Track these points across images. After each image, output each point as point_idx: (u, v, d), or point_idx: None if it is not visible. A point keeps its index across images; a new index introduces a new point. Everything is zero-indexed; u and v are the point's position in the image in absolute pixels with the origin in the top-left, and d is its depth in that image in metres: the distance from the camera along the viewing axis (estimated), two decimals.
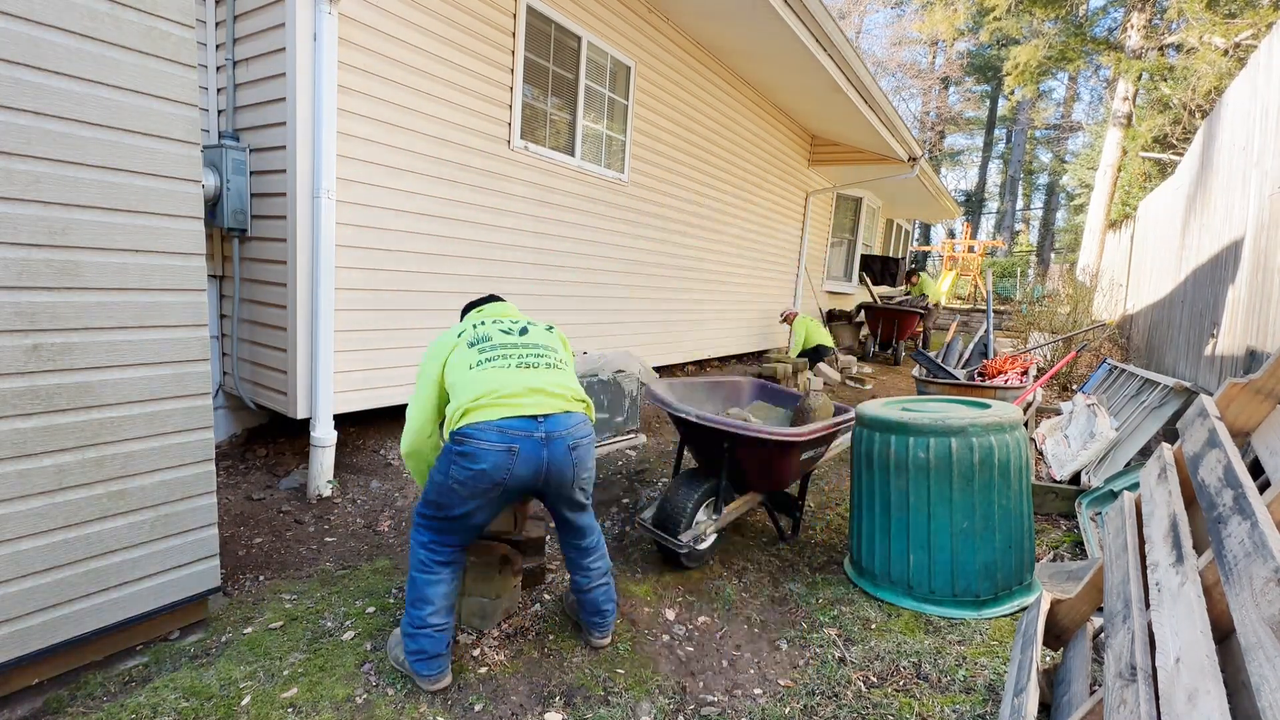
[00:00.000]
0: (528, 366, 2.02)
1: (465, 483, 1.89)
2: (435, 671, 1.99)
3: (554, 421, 1.96)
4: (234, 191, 3.34)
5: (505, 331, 2.11)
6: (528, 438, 1.91)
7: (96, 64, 1.79)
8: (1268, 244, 3.69)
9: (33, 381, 1.77)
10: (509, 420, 1.90)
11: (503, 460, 1.88)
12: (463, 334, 2.09)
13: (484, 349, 2.03)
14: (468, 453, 1.87)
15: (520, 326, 2.15)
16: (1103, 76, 22.07)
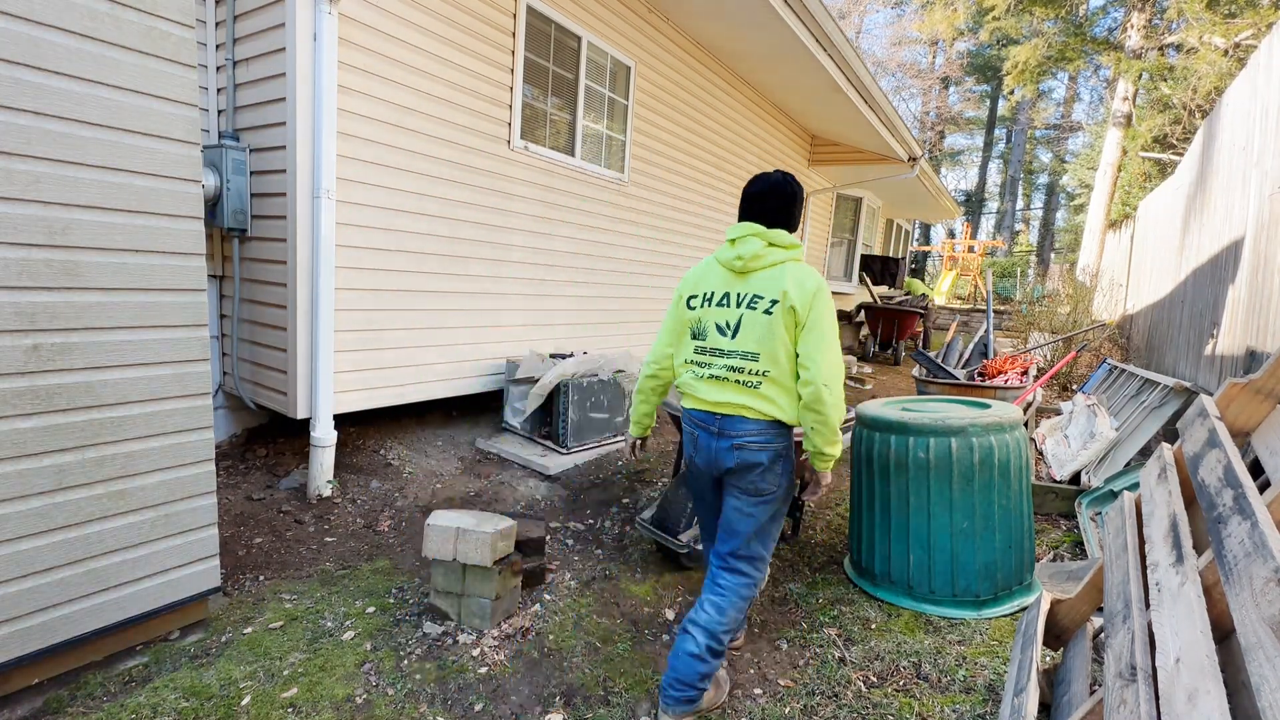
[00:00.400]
0: (716, 379, 1.99)
1: (686, 446, 2.16)
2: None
3: (728, 422, 1.98)
4: (234, 191, 3.34)
5: (723, 328, 1.98)
6: (704, 430, 2.04)
7: (96, 64, 1.79)
8: (1268, 244, 3.69)
9: (33, 381, 1.77)
10: (697, 411, 2.06)
11: (689, 440, 2.11)
12: (694, 299, 2.05)
13: (699, 349, 2.04)
14: (685, 419, 2.15)
15: (737, 320, 1.96)
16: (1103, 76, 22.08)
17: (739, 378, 1.95)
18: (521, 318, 4.60)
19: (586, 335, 5.25)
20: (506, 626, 2.38)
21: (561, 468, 3.93)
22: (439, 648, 2.23)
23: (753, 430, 1.95)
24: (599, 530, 3.30)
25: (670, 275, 6.29)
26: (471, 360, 4.25)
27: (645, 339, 6.05)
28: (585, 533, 3.27)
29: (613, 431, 4.38)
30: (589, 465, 4.06)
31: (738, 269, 1.97)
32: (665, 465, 4.25)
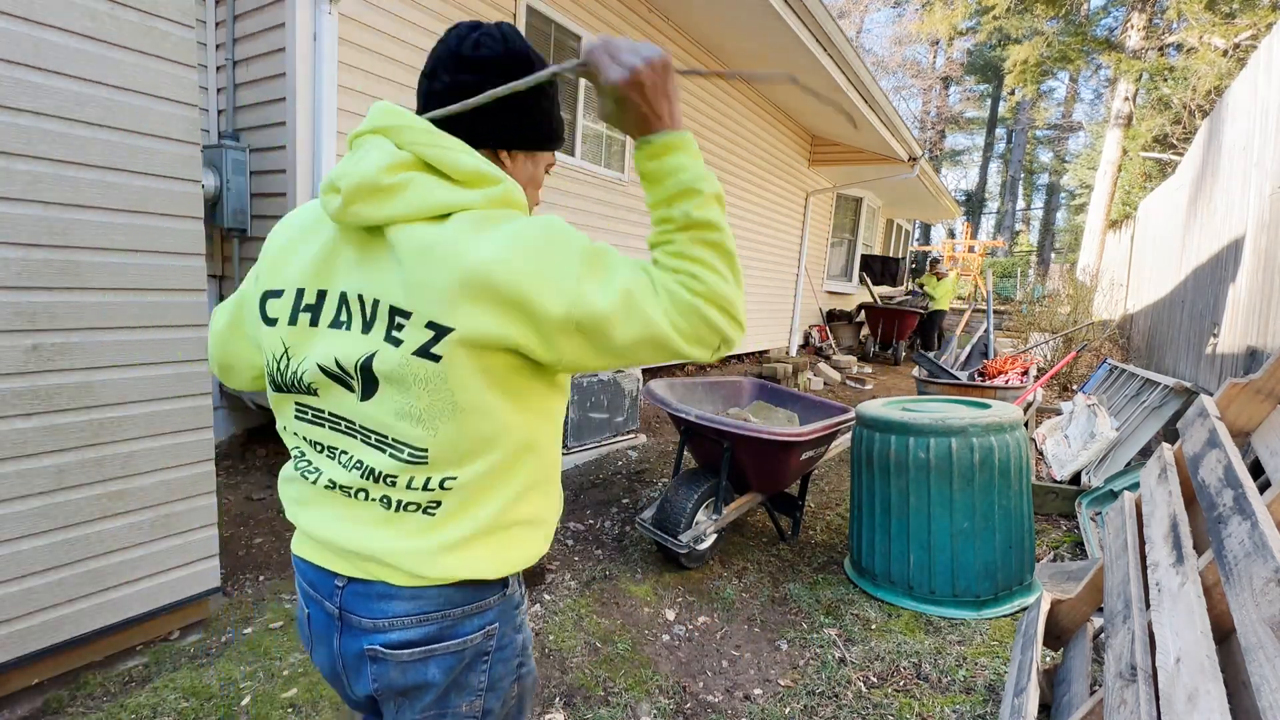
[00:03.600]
0: (340, 496, 0.91)
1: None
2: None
3: (355, 596, 0.91)
4: (234, 191, 3.34)
5: (336, 376, 0.85)
6: (315, 603, 0.97)
7: (96, 64, 1.79)
8: (1268, 243, 3.69)
9: (33, 381, 1.76)
10: (304, 564, 0.98)
11: (301, 620, 1.03)
12: (271, 302, 0.90)
13: (300, 409, 0.90)
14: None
15: (365, 359, 0.80)
16: (1103, 76, 22.07)
17: (385, 493, 0.83)
18: None
19: None
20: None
21: (561, 468, 3.93)
22: None
23: (407, 615, 0.85)
24: (599, 530, 3.30)
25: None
26: None
27: None
28: (585, 533, 3.27)
29: (612, 431, 4.38)
30: (589, 465, 4.06)
31: (342, 220, 0.79)
32: (665, 465, 4.24)
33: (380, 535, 0.83)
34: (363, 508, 0.84)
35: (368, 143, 0.80)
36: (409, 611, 0.84)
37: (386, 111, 0.81)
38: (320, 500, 0.88)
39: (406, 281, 0.75)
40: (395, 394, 0.78)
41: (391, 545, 0.82)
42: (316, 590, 0.91)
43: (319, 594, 0.90)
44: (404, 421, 0.78)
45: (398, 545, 0.82)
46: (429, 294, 0.74)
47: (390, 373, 0.77)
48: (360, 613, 0.86)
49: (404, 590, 0.84)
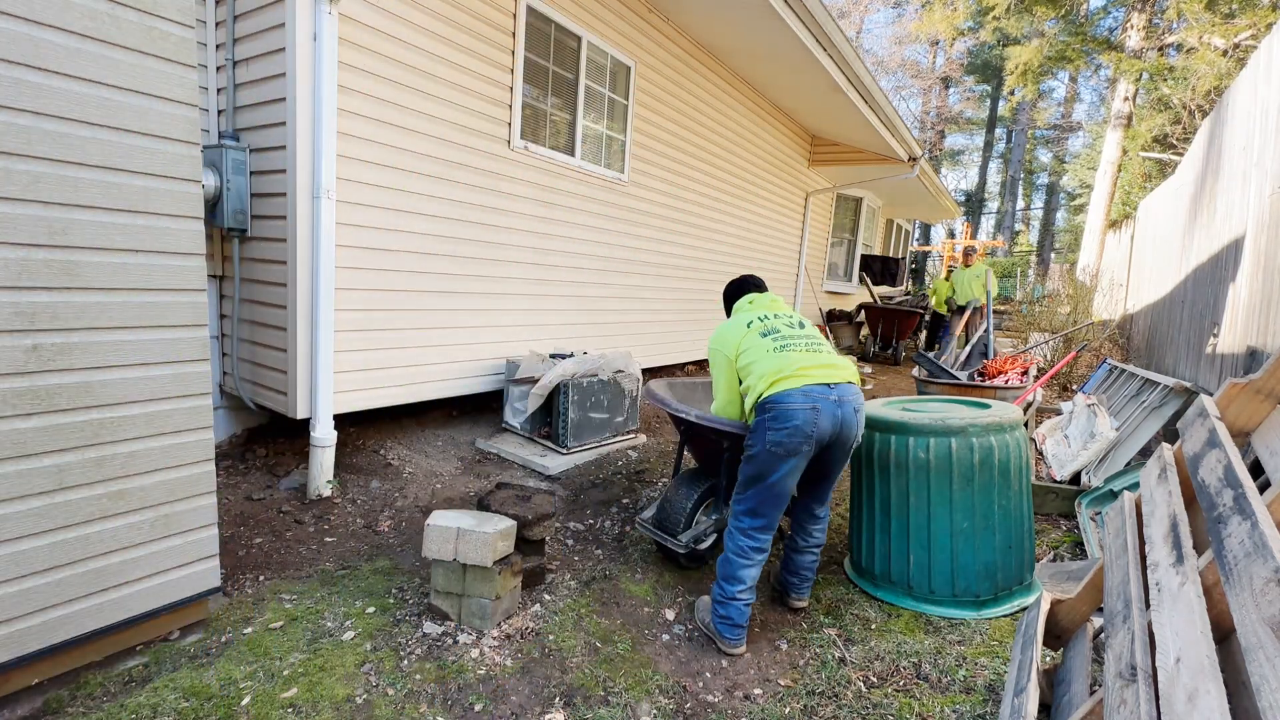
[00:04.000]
0: (813, 350, 2.43)
1: (781, 441, 2.24)
2: (737, 637, 2.36)
3: (842, 389, 2.34)
4: (234, 191, 3.34)
5: (789, 325, 2.51)
6: (825, 399, 2.28)
7: (96, 64, 1.79)
8: (1268, 243, 3.69)
9: (33, 381, 1.77)
10: (810, 386, 2.29)
11: (809, 416, 2.24)
12: (751, 325, 2.49)
13: (777, 338, 2.43)
14: (781, 414, 2.25)
15: (797, 320, 2.57)
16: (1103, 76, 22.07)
17: (824, 354, 2.46)
18: (521, 318, 4.60)
19: (586, 335, 5.25)
20: (506, 626, 2.38)
21: (561, 468, 3.93)
22: (439, 648, 2.23)
23: (857, 394, 2.42)
24: (599, 530, 3.30)
25: (670, 274, 6.29)
26: (471, 360, 4.25)
27: (645, 338, 6.05)
28: (585, 533, 3.27)
29: (612, 431, 4.38)
30: (589, 465, 4.06)
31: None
32: (665, 465, 4.24)
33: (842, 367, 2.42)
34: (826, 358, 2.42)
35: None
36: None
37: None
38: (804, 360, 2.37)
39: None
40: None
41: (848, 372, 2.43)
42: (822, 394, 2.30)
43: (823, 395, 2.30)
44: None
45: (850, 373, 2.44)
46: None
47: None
48: (848, 396, 2.36)
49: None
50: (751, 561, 2.36)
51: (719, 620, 2.38)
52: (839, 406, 2.30)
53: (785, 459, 2.26)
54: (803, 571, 2.64)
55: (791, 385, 2.28)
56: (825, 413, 2.26)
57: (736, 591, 2.34)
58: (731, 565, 2.36)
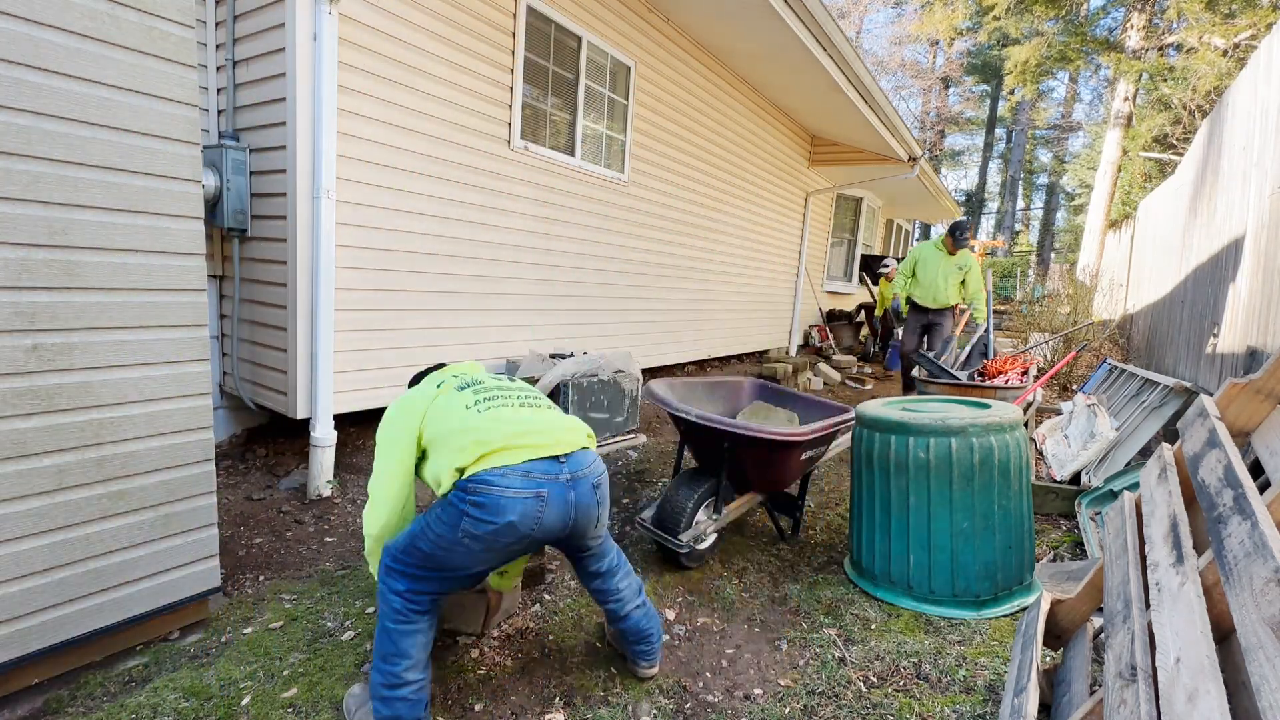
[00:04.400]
0: (531, 405, 1.85)
1: (482, 537, 1.64)
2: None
3: (575, 460, 1.78)
4: (234, 191, 3.34)
5: (495, 379, 1.93)
6: (554, 481, 1.70)
7: (96, 64, 1.79)
8: (1268, 243, 3.69)
9: (33, 381, 1.77)
10: (533, 463, 1.69)
11: (529, 509, 1.66)
12: (442, 384, 1.86)
13: (479, 391, 1.83)
14: (487, 503, 1.62)
15: (504, 373, 1.95)
16: (1103, 76, 22.07)
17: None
18: (521, 318, 4.60)
19: (587, 335, 5.25)
20: (506, 626, 2.38)
21: None
22: (439, 648, 2.23)
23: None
24: None
25: (671, 274, 6.29)
26: (471, 360, 4.25)
27: (645, 338, 6.05)
28: None
29: (612, 431, 4.38)
30: None
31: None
32: (665, 465, 4.24)
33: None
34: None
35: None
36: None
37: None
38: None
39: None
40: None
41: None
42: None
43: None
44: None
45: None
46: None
47: None
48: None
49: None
50: (414, 626, 1.72)
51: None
52: (572, 489, 1.73)
53: (481, 554, 1.69)
54: (638, 636, 2.06)
55: (507, 461, 1.66)
56: (554, 502, 1.69)
57: (402, 672, 1.69)
58: (390, 636, 1.71)
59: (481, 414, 1.76)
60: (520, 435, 1.72)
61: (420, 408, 1.80)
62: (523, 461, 1.68)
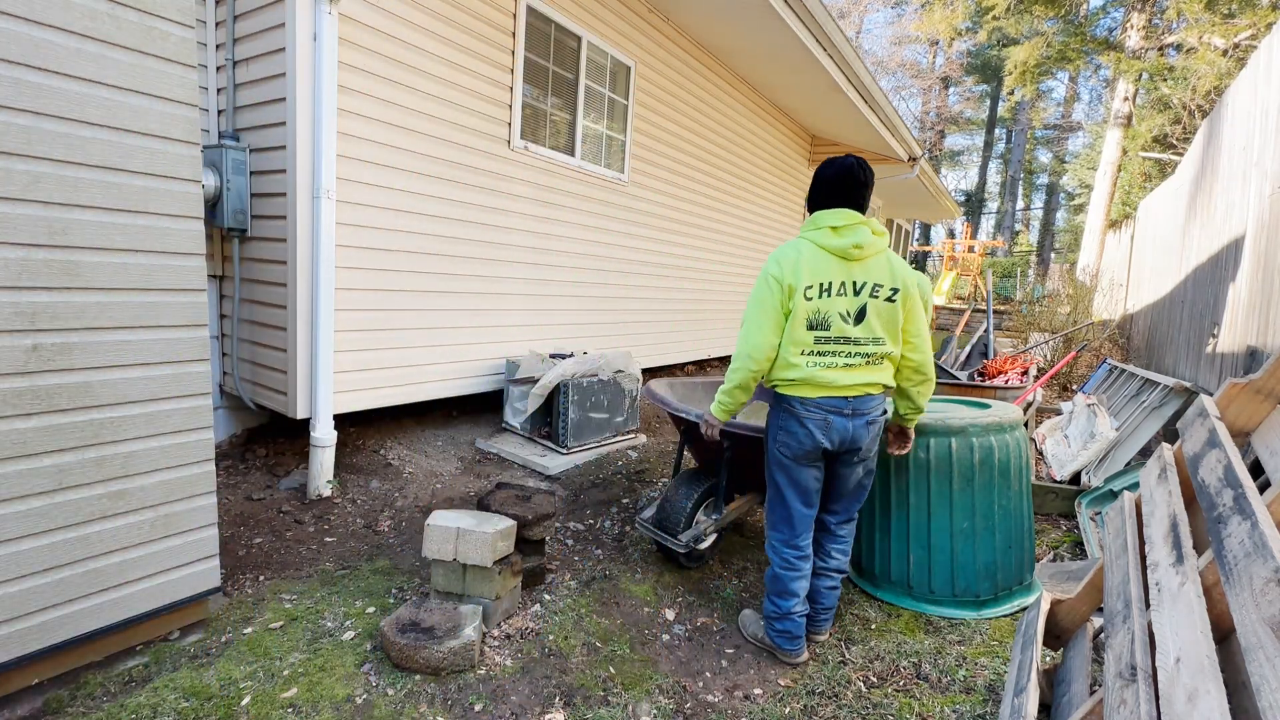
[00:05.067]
0: (849, 366, 2.14)
1: (788, 444, 2.18)
2: (798, 648, 2.32)
3: (858, 402, 2.16)
4: (234, 191, 3.34)
5: (843, 318, 2.11)
6: (839, 414, 2.14)
7: (96, 64, 1.79)
8: (1268, 243, 3.69)
9: (33, 381, 1.76)
10: (828, 399, 2.13)
11: (817, 426, 2.14)
12: (810, 290, 2.08)
13: (821, 341, 2.12)
14: (788, 418, 2.17)
15: (859, 308, 2.12)
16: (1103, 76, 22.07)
17: (869, 360, 2.14)
18: (521, 318, 4.60)
19: (586, 335, 5.25)
20: (506, 626, 2.38)
21: (561, 468, 3.93)
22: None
23: (878, 405, 2.22)
24: (599, 530, 3.30)
25: (671, 274, 6.29)
26: (471, 360, 4.25)
27: (645, 338, 6.04)
28: (585, 533, 3.27)
29: (612, 431, 4.38)
30: (589, 465, 4.06)
31: (853, 257, 2.09)
32: (665, 465, 4.24)
33: (867, 375, 2.15)
34: (859, 369, 2.14)
35: (857, 228, 2.09)
36: (878, 404, 2.22)
37: (853, 214, 2.12)
38: (840, 371, 2.12)
39: (878, 275, 2.12)
40: (874, 319, 2.12)
41: (871, 379, 2.15)
42: (837, 408, 2.14)
43: (838, 409, 2.14)
44: (878, 330, 2.13)
45: (873, 378, 2.16)
46: (891, 277, 2.13)
47: (874, 309, 2.12)
48: (864, 409, 2.17)
49: (876, 396, 2.20)
50: (799, 572, 2.28)
51: (777, 634, 2.31)
52: (850, 420, 2.16)
53: (795, 462, 2.20)
54: (820, 599, 2.40)
55: (808, 394, 2.13)
56: (835, 426, 2.15)
57: (791, 607, 2.27)
58: (779, 581, 2.28)
59: (806, 360, 2.15)
60: (828, 383, 2.16)
61: (799, 285, 2.10)
62: (817, 397, 2.15)
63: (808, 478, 2.23)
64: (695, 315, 6.84)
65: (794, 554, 2.28)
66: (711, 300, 7.10)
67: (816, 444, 2.16)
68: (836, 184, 2.15)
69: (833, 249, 2.09)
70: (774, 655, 2.37)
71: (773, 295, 2.10)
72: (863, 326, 2.11)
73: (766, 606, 2.34)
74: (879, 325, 2.12)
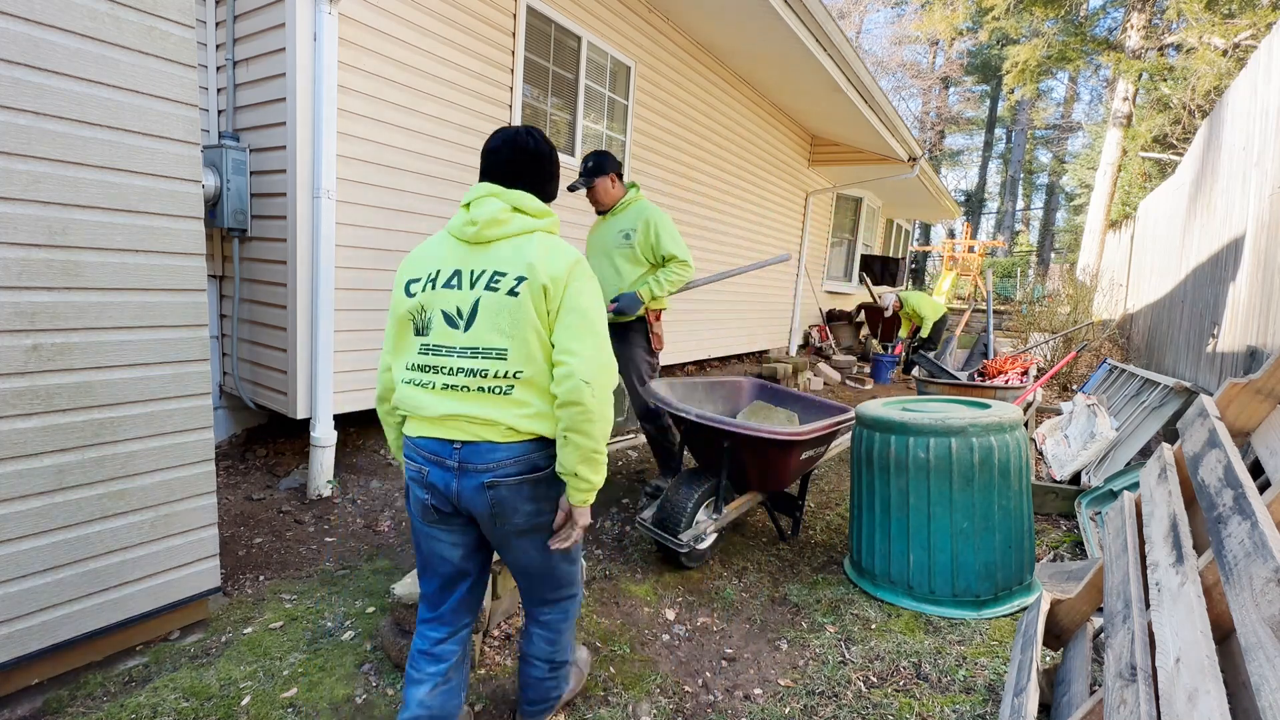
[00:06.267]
0: (452, 388, 1.46)
1: (408, 491, 1.61)
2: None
3: (468, 452, 1.46)
4: (234, 191, 3.34)
5: (455, 316, 1.47)
6: (439, 465, 1.49)
7: (96, 64, 1.79)
8: (1268, 243, 3.69)
9: (33, 381, 1.77)
10: (425, 440, 1.51)
11: (414, 476, 1.55)
12: (415, 283, 1.52)
13: (424, 348, 1.50)
14: (407, 459, 1.58)
15: (472, 305, 1.45)
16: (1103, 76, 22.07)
17: (481, 383, 1.43)
18: None
19: None
20: (506, 626, 2.38)
21: None
22: None
23: (508, 459, 1.45)
24: (599, 530, 3.31)
25: None
26: None
27: None
28: (585, 532, 3.27)
29: (612, 431, 4.38)
30: None
31: (471, 238, 1.49)
32: None
33: (481, 407, 1.45)
34: (467, 395, 1.46)
35: (485, 200, 1.51)
36: (506, 458, 1.47)
37: (488, 186, 1.54)
38: (437, 395, 1.47)
39: (504, 261, 1.46)
40: (486, 319, 1.43)
41: (487, 414, 1.44)
42: (437, 455, 1.48)
43: (438, 456, 1.48)
44: (492, 336, 1.43)
45: (491, 413, 1.44)
46: (519, 262, 1.44)
47: (487, 305, 1.44)
48: (474, 462, 1.46)
49: (501, 445, 1.47)
50: (420, 674, 1.62)
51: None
52: (459, 479, 1.47)
53: (416, 518, 1.60)
54: (525, 689, 1.82)
55: (409, 431, 1.55)
56: (437, 483, 1.50)
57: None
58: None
59: (406, 376, 1.59)
60: (425, 409, 1.57)
61: (398, 284, 1.60)
62: (416, 436, 1.57)
63: (436, 544, 1.60)
64: (695, 315, 6.84)
65: (424, 643, 1.65)
66: (712, 300, 7.10)
67: (422, 504, 1.54)
68: (489, 155, 1.59)
69: (454, 230, 1.54)
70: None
71: (392, 296, 1.57)
72: (473, 331, 1.44)
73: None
74: (494, 330, 1.43)
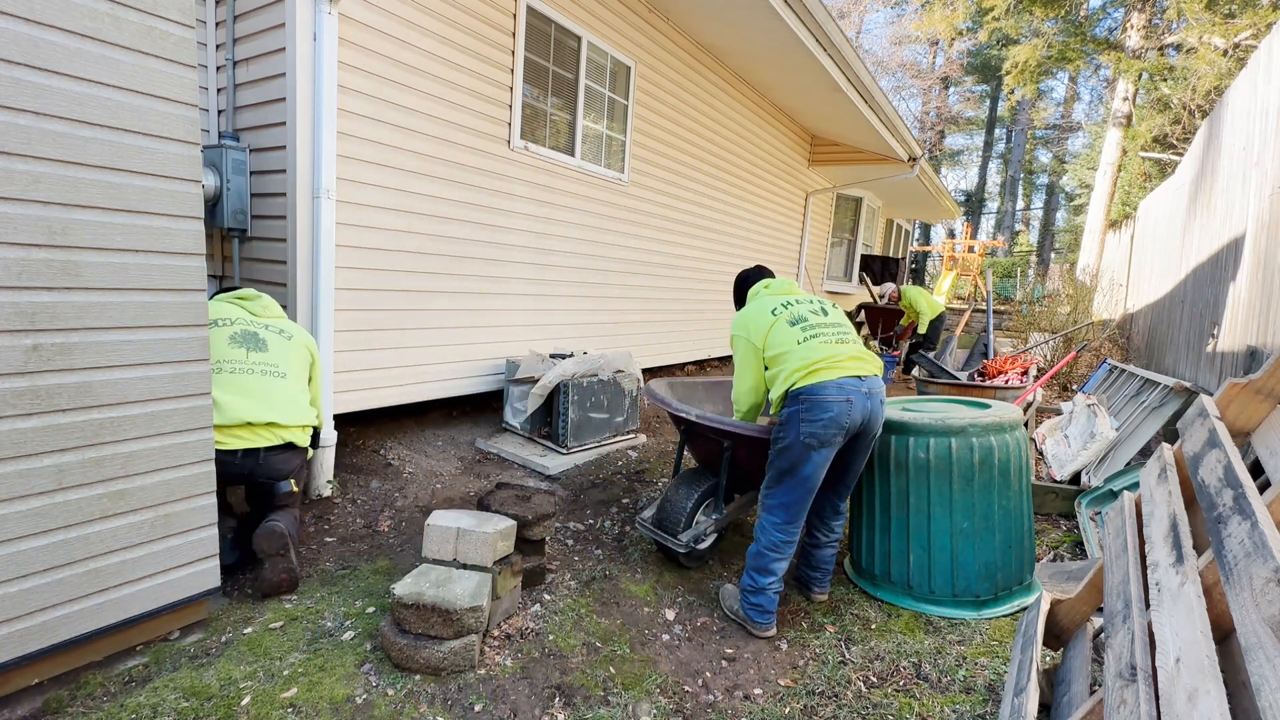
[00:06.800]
0: (842, 340, 2.49)
1: (816, 433, 2.31)
2: (769, 621, 2.47)
3: (871, 381, 2.43)
4: (234, 191, 3.34)
5: (814, 313, 2.54)
6: (857, 391, 2.36)
7: (96, 64, 1.79)
8: (1268, 243, 3.69)
9: (33, 381, 1.76)
10: (845, 379, 2.36)
11: (843, 408, 2.32)
12: (777, 313, 2.52)
13: (805, 327, 2.47)
14: (816, 405, 2.31)
15: (819, 305, 2.60)
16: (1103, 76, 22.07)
17: (847, 338, 2.53)
18: (521, 318, 4.60)
19: (586, 335, 5.25)
20: (506, 626, 2.38)
21: (561, 468, 3.93)
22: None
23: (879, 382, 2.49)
24: (599, 530, 3.31)
25: (670, 274, 6.29)
26: (471, 360, 4.25)
27: (645, 338, 6.05)
28: (585, 533, 3.27)
29: (612, 431, 4.38)
30: (589, 465, 4.06)
31: (780, 290, 2.75)
32: (665, 465, 4.24)
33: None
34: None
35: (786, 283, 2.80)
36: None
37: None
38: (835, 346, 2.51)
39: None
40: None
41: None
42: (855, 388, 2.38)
43: (855, 388, 2.38)
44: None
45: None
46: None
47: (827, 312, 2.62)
48: (877, 388, 2.50)
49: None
50: (783, 555, 2.46)
51: (750, 607, 2.47)
52: (869, 399, 2.38)
53: (818, 450, 2.33)
54: (824, 565, 2.72)
55: (827, 377, 2.34)
56: (857, 405, 2.34)
57: (768, 583, 2.45)
58: (764, 559, 2.45)
59: (807, 346, 2.43)
60: (835, 360, 2.39)
61: (761, 328, 2.52)
62: (837, 378, 2.35)
63: (817, 469, 2.40)
64: (696, 315, 6.84)
65: (785, 539, 2.45)
66: (712, 300, 7.10)
67: (841, 426, 2.38)
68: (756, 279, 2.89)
69: (774, 291, 2.79)
70: (746, 629, 2.51)
71: (763, 317, 2.61)
72: (829, 317, 2.63)
73: (744, 580, 2.50)
74: (835, 321, 2.64)
